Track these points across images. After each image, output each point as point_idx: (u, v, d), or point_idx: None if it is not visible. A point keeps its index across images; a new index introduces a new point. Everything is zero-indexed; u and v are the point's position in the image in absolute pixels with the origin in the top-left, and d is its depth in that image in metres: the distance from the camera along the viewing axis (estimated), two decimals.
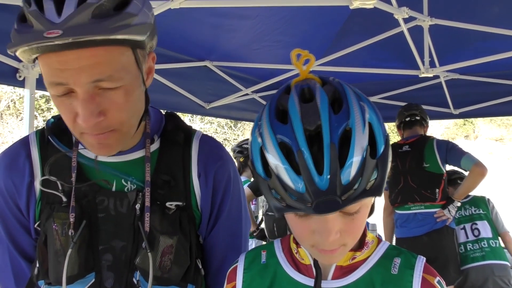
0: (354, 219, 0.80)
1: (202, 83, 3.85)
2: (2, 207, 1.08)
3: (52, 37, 0.79)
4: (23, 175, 1.06)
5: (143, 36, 0.90)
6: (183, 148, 1.10)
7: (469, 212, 3.60)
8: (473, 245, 3.47)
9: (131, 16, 0.86)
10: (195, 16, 2.88)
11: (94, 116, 0.89)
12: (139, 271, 1.03)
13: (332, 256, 0.84)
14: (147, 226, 1.02)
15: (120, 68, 0.89)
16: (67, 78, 0.86)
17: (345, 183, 0.72)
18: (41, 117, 13.42)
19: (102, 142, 0.95)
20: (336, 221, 0.78)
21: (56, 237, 1.02)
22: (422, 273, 0.87)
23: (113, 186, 1.06)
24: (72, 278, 1.01)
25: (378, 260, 0.90)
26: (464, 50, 3.73)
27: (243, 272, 0.97)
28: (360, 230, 0.84)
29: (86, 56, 0.84)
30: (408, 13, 2.59)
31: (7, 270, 1.11)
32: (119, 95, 0.91)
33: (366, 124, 0.75)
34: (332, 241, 0.79)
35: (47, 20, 0.81)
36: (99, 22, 0.82)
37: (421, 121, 3.73)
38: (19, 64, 2.40)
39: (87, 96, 0.88)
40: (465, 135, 27.02)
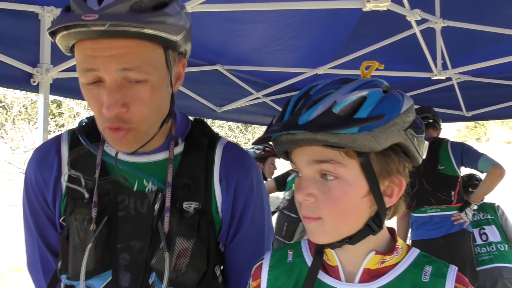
0: (330, 189, 0.81)
1: (213, 87, 3.86)
2: (32, 200, 1.12)
3: (89, 20, 0.84)
4: (52, 170, 1.10)
5: (176, 36, 0.94)
6: (207, 153, 1.11)
7: (477, 217, 3.58)
8: (481, 249, 3.45)
9: (167, 15, 0.91)
10: (207, 21, 2.89)
11: (118, 106, 0.92)
12: (155, 272, 1.03)
13: (310, 226, 0.85)
14: (166, 226, 1.03)
15: (150, 62, 0.93)
16: (98, 64, 0.90)
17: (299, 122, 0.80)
18: (53, 121, 13.52)
19: (122, 137, 0.97)
20: (311, 182, 0.83)
21: (76, 232, 1.04)
22: (455, 283, 0.85)
23: (134, 186, 1.07)
24: (88, 274, 1.02)
25: (408, 267, 0.88)
26: (477, 52, 3.70)
27: (269, 270, 0.97)
28: (337, 206, 0.82)
29: (118, 46, 0.89)
30: (421, 15, 2.58)
31: (36, 263, 1.15)
32: (144, 89, 0.94)
33: (355, 92, 0.80)
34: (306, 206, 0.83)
35: (87, 7, 0.86)
36: (135, 14, 0.87)
37: (434, 124, 3.71)
38: (33, 70, 2.42)
39: (114, 85, 0.91)
40: (477, 137, 26.78)
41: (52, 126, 13.07)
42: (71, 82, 2.64)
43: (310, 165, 0.83)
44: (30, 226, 1.14)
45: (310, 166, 0.83)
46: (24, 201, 1.15)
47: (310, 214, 0.83)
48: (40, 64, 2.44)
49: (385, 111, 0.79)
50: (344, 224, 0.84)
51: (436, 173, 3.47)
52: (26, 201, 1.14)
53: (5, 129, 13.41)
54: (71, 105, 12.87)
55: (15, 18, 2.30)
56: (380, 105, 0.80)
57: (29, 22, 2.37)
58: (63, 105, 13.72)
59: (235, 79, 3.99)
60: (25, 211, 1.15)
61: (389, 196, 0.85)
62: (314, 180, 0.83)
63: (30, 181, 1.12)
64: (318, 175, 0.83)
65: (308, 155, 0.83)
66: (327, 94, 0.81)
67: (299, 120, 0.79)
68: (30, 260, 1.17)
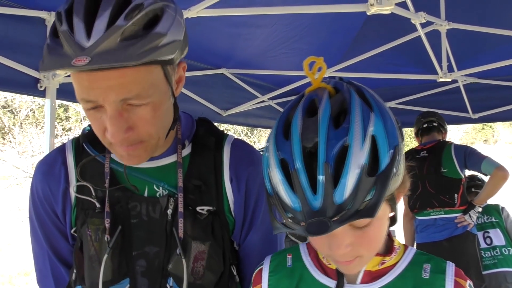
0: (365, 232, 0.79)
1: (218, 91, 3.87)
2: (41, 213, 1.11)
3: (79, 66, 0.80)
4: (59, 182, 1.09)
5: (172, 55, 0.90)
6: (215, 152, 1.10)
7: (481, 220, 3.54)
8: (485, 253, 3.41)
9: (159, 37, 0.86)
10: (212, 25, 2.90)
11: (122, 132, 0.90)
12: (172, 277, 1.03)
13: (349, 267, 0.84)
14: (181, 232, 1.02)
15: (148, 86, 0.90)
16: (96, 96, 0.87)
17: (338, 203, 0.70)
18: (60, 126, 13.59)
19: (131, 153, 0.96)
20: (345, 236, 0.78)
21: (90, 243, 1.03)
22: (455, 277, 0.87)
23: (145, 192, 1.07)
24: (107, 284, 1.02)
25: (408, 266, 0.90)
26: (482, 54, 3.69)
27: (269, 275, 0.97)
28: (374, 242, 0.83)
29: (114, 76, 0.85)
30: (426, 18, 2.58)
31: (48, 276, 1.13)
32: (147, 111, 0.92)
33: (367, 139, 0.71)
34: (344, 254, 0.80)
35: (76, 44, 0.82)
36: (127, 46, 0.82)
37: (439, 127, 3.70)
38: (40, 75, 2.44)
39: (115, 113, 0.89)
40: (484, 139, 26.64)
41: (59, 130, 13.15)
42: None
43: (346, 233, 0.79)
44: (40, 238, 1.13)
45: (347, 233, 0.78)
46: (31, 214, 1.14)
47: (349, 259, 0.82)
48: None
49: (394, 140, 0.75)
50: (378, 249, 0.87)
51: (439, 175, 3.47)
52: (34, 214, 1.12)
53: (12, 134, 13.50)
54: (77, 109, 12.94)
55: (22, 23, 2.33)
56: (387, 137, 0.74)
57: (36, 28, 2.39)
58: (70, 109, 13.79)
59: (240, 83, 4.00)
60: (33, 224, 1.14)
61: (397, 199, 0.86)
62: (346, 232, 0.78)
63: (38, 194, 1.11)
64: (348, 226, 0.78)
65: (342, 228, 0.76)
66: (339, 151, 0.71)
67: (336, 202, 0.70)
68: (41, 274, 1.15)
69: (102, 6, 0.85)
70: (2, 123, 13.94)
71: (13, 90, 2.53)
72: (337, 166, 0.70)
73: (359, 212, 0.70)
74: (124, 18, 0.83)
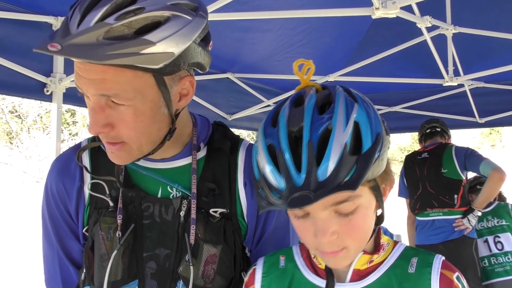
0: (351, 220, 0.81)
1: (224, 95, 3.88)
2: (54, 211, 1.11)
3: (52, 50, 0.81)
4: (74, 180, 1.09)
5: (156, 65, 0.87)
6: (229, 156, 1.09)
7: (491, 223, 3.49)
8: (497, 259, 3.37)
9: (145, 44, 0.84)
10: (218, 29, 2.91)
11: (99, 126, 0.91)
12: (182, 280, 1.02)
13: (335, 259, 0.84)
14: (192, 238, 1.02)
15: (130, 90, 0.89)
16: (81, 85, 0.90)
17: (321, 180, 0.74)
18: (67, 130, 13.66)
19: (114, 152, 0.97)
20: (330, 222, 0.80)
21: (102, 241, 1.03)
22: (441, 269, 0.87)
23: (158, 193, 1.07)
24: (116, 284, 1.01)
25: (395, 261, 0.90)
26: (489, 58, 3.67)
27: (262, 276, 0.98)
28: (360, 232, 0.84)
29: (96, 71, 0.86)
30: (431, 22, 2.58)
31: (56, 276, 1.13)
32: (127, 113, 0.91)
33: (350, 123, 0.76)
34: (329, 242, 0.81)
35: (62, 31, 0.84)
36: (105, 44, 0.82)
37: (442, 132, 3.71)
38: (46, 79, 2.46)
39: (96, 106, 0.91)
40: (491, 144, 26.51)
41: (66, 135, 13.21)
42: None
43: (326, 209, 0.80)
44: (51, 237, 1.12)
45: (327, 209, 0.80)
46: (44, 212, 1.13)
47: (334, 249, 0.83)
48: (53, 73, 2.48)
49: (376, 128, 0.79)
50: (365, 242, 0.87)
51: (439, 176, 3.47)
52: (47, 212, 1.12)
53: (20, 138, 13.58)
54: (84, 114, 13.00)
55: (29, 28, 2.35)
56: (370, 124, 0.79)
57: (43, 33, 2.41)
58: (77, 114, 13.87)
59: (246, 87, 4.01)
60: (45, 222, 1.13)
61: (384, 195, 0.88)
62: (332, 218, 0.81)
63: (52, 191, 1.10)
64: (334, 213, 0.81)
65: (322, 202, 0.78)
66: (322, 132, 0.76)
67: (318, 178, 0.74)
68: (49, 274, 1.15)
69: (101, 3, 0.85)
70: (10, 128, 14.03)
71: (20, 95, 2.56)
72: (320, 146, 0.75)
73: (341, 186, 0.74)
74: (115, 18, 0.84)
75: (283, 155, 0.77)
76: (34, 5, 2.34)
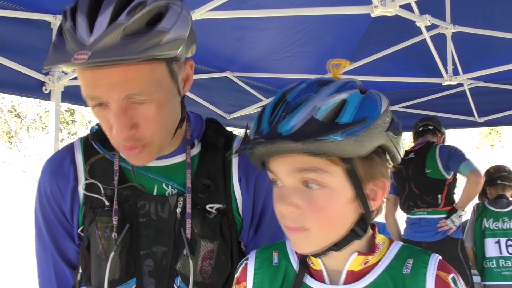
0: (314, 197, 0.79)
1: (223, 94, 3.88)
2: (48, 212, 1.10)
3: (78, 62, 0.81)
4: (68, 180, 1.08)
5: (175, 51, 0.90)
6: (224, 152, 1.10)
7: (507, 225, 3.42)
8: (506, 262, 3.34)
9: (162, 33, 0.86)
10: (217, 28, 2.91)
11: (127, 129, 0.90)
12: (180, 276, 1.02)
13: (295, 237, 0.82)
14: (188, 233, 1.02)
15: (152, 83, 0.90)
16: (100, 93, 0.88)
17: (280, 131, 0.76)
18: (66, 130, 13.66)
19: (136, 155, 0.96)
20: (294, 191, 0.79)
21: (98, 241, 1.02)
22: (437, 270, 0.83)
23: (154, 191, 1.07)
24: (114, 283, 1.01)
25: (390, 263, 0.86)
26: (488, 58, 3.67)
27: (254, 272, 0.95)
28: (323, 215, 0.79)
29: (117, 73, 0.85)
30: (431, 21, 2.57)
31: (50, 277, 1.12)
32: (151, 108, 0.91)
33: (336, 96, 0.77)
34: (290, 216, 0.80)
35: (77, 41, 0.83)
36: (128, 42, 0.83)
37: (434, 130, 3.71)
38: (45, 78, 2.45)
39: (120, 110, 0.89)
40: (491, 144, 26.53)
41: (65, 134, 13.21)
42: None
43: (292, 174, 0.79)
44: (45, 239, 1.11)
45: (292, 175, 0.79)
46: (38, 214, 1.12)
47: (294, 224, 0.80)
48: (52, 72, 2.48)
49: (367, 114, 0.78)
50: (330, 232, 0.82)
51: (423, 176, 3.50)
52: (41, 214, 1.11)
53: (19, 138, 13.58)
54: (83, 113, 13.00)
55: (28, 26, 2.35)
56: (361, 107, 0.78)
57: (41, 31, 2.41)
58: (76, 113, 13.86)
59: (244, 86, 4.00)
60: (38, 224, 1.12)
61: (373, 199, 0.83)
62: (296, 189, 0.80)
63: (45, 192, 1.09)
64: (301, 184, 0.80)
65: (289, 164, 0.79)
66: (306, 98, 0.78)
67: (280, 129, 0.76)
68: (43, 276, 1.14)
69: (104, 4, 0.85)
70: (9, 127, 14.03)
71: (18, 93, 2.55)
72: (292, 108, 0.77)
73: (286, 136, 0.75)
74: (126, 15, 0.84)
75: (265, 109, 0.82)
76: (32, 3, 2.34)
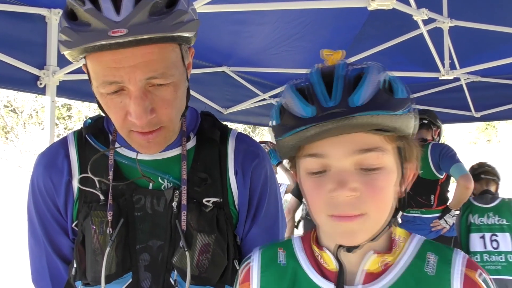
0: (373, 180, 0.72)
1: (219, 89, 3.86)
2: (41, 207, 1.09)
3: (118, 36, 0.80)
4: (62, 174, 1.07)
5: (193, 32, 0.91)
6: (219, 145, 1.10)
7: (491, 221, 3.45)
8: (490, 257, 3.36)
9: (183, 14, 0.87)
10: (213, 22, 2.89)
11: (147, 113, 0.90)
12: (176, 270, 1.02)
13: (351, 225, 0.73)
14: (183, 224, 1.01)
15: (171, 65, 0.90)
16: (122, 76, 0.86)
17: (353, 104, 0.69)
18: (62, 125, 13.63)
19: (152, 140, 0.96)
20: (352, 175, 0.72)
21: (94, 235, 1.02)
22: (465, 268, 0.76)
23: (149, 185, 1.06)
24: (110, 277, 1.01)
25: (410, 259, 0.79)
26: (486, 52, 3.67)
27: (260, 273, 0.88)
28: (383, 198, 0.74)
29: (141, 54, 0.85)
30: (428, 15, 2.56)
31: (44, 273, 1.11)
32: (169, 91, 0.92)
33: (382, 74, 0.74)
34: (348, 202, 0.72)
35: (107, 19, 0.82)
36: (157, 20, 0.83)
37: (429, 124, 3.68)
38: (40, 72, 2.43)
39: (140, 93, 0.88)
40: (488, 139, 26.59)
41: (61, 129, 13.17)
42: (78, 84, 2.65)
43: (349, 156, 0.72)
44: (38, 234, 1.10)
45: (350, 157, 0.72)
46: (31, 209, 1.11)
47: (353, 211, 0.72)
48: (46, 66, 2.46)
49: (408, 93, 0.76)
50: (384, 216, 0.76)
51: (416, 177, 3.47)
52: (34, 209, 1.10)
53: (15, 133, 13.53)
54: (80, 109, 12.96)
55: (22, 20, 2.32)
56: (402, 86, 0.76)
57: (36, 25, 2.39)
58: (72, 108, 13.82)
59: (241, 81, 3.99)
60: (31, 219, 1.11)
61: (406, 178, 0.82)
62: (353, 172, 0.73)
63: (38, 186, 1.08)
64: (355, 168, 0.73)
65: (348, 145, 0.72)
66: (360, 74, 0.73)
67: (352, 102, 0.69)
68: (37, 272, 1.13)
69: None
70: (5, 122, 13.98)
71: (13, 88, 2.53)
72: (353, 81, 0.72)
73: (374, 106, 0.70)
74: None
75: (314, 86, 0.73)
76: None
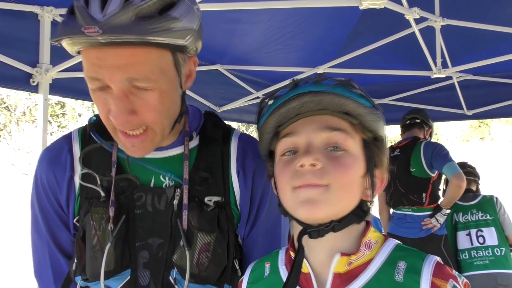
0: (338, 157, 0.81)
1: (213, 87, 3.86)
2: (44, 201, 1.10)
3: (90, 34, 0.81)
4: (65, 170, 1.08)
5: (183, 40, 0.90)
6: (222, 145, 1.10)
7: (475, 217, 3.53)
8: (478, 252, 3.41)
9: (173, 20, 0.87)
10: (207, 20, 2.88)
11: (125, 114, 0.90)
12: (176, 268, 1.02)
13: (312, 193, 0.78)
14: (185, 224, 1.02)
15: (157, 70, 0.90)
16: (103, 74, 0.88)
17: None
18: (56, 122, 13.56)
19: (136, 144, 0.96)
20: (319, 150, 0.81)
21: (93, 232, 1.03)
22: (432, 277, 0.76)
23: (151, 182, 1.06)
24: (108, 274, 1.01)
25: (382, 265, 0.80)
26: (477, 51, 3.69)
27: (247, 286, 0.95)
28: (346, 173, 0.80)
29: (124, 55, 0.86)
30: (419, 14, 2.58)
31: (46, 266, 1.12)
32: (153, 96, 0.92)
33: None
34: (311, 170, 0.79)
35: (89, 16, 0.83)
36: (140, 23, 0.84)
37: (421, 123, 3.72)
38: (32, 70, 2.43)
39: (121, 93, 0.89)
40: (481, 137, 26.73)
41: (55, 127, 13.10)
42: (71, 82, 2.65)
43: (320, 132, 0.83)
44: (40, 228, 1.11)
45: (320, 133, 0.83)
46: (34, 202, 1.12)
47: (316, 180, 0.78)
48: (39, 64, 2.45)
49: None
50: (346, 195, 0.81)
51: (408, 175, 3.53)
52: (37, 203, 1.11)
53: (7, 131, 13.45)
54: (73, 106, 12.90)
55: (15, 18, 2.31)
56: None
57: (28, 22, 2.38)
58: (66, 106, 13.75)
59: (235, 79, 3.99)
60: (34, 213, 1.12)
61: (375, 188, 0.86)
62: (320, 149, 0.82)
63: (42, 181, 1.10)
64: (324, 148, 0.82)
65: (319, 122, 0.84)
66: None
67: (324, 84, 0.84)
68: (39, 265, 1.14)
69: None
70: None
71: (5, 85, 2.52)
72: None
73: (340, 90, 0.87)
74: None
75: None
76: None
